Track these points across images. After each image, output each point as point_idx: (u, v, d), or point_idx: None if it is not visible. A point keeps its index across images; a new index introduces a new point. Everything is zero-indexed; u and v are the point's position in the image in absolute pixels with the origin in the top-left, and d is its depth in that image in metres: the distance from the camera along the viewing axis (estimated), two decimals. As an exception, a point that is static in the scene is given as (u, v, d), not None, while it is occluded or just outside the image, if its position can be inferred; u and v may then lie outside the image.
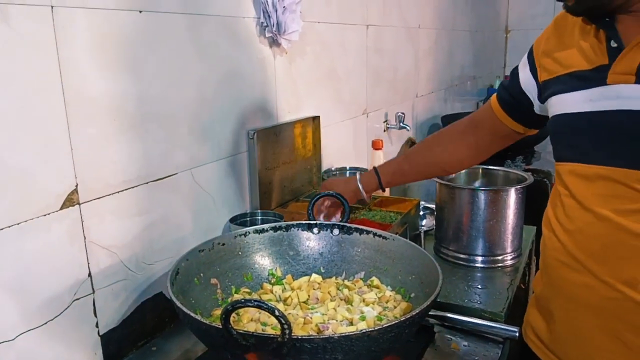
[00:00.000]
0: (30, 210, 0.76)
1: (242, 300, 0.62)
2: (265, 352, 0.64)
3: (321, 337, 0.65)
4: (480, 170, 1.38)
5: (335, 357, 0.65)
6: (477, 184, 1.38)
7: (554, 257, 0.88)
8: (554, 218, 0.89)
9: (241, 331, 0.64)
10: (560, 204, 0.87)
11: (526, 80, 0.95)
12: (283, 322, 0.60)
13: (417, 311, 0.70)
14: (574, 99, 0.82)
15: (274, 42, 1.28)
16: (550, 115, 0.89)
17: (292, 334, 0.62)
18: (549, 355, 0.92)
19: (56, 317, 0.81)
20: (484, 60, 3.60)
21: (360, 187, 1.15)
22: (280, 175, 1.34)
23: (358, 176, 1.17)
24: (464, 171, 1.37)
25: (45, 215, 0.78)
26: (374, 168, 1.18)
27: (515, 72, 0.99)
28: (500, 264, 1.23)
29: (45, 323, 0.80)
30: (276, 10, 1.22)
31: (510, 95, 1.00)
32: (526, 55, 0.96)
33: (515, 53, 4.14)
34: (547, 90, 0.89)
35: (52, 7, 0.76)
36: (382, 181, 1.16)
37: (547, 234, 0.91)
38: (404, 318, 0.69)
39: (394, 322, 0.67)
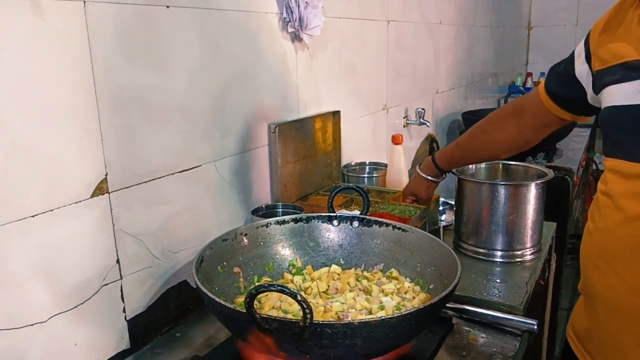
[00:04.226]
0: (62, 197, 0.79)
1: (266, 285, 0.64)
2: (287, 336, 0.65)
3: (341, 322, 0.66)
4: (501, 165, 1.38)
5: (355, 343, 0.67)
6: (497, 179, 1.38)
7: (585, 255, 0.86)
8: (590, 216, 0.86)
9: (264, 315, 0.66)
10: (597, 201, 0.84)
11: (581, 68, 0.91)
12: (305, 306, 0.62)
13: (437, 299, 0.71)
14: (623, 91, 0.77)
15: (295, 37, 1.30)
16: (602, 108, 0.84)
17: (314, 319, 0.64)
18: (584, 355, 0.91)
19: (86, 301, 0.84)
20: (505, 56, 3.56)
21: (427, 178, 1.29)
22: (301, 168, 1.35)
23: (418, 169, 1.30)
24: (483, 166, 1.37)
25: (76, 202, 0.81)
26: (432, 156, 1.29)
27: (570, 59, 0.94)
28: (519, 259, 1.23)
29: (76, 307, 0.83)
30: (298, 6, 1.23)
31: (562, 82, 0.96)
32: (582, 41, 0.91)
33: (537, 49, 4.07)
34: (600, 80, 0.84)
35: (84, 1, 0.79)
36: (440, 168, 1.27)
37: (584, 231, 0.88)
38: (422, 306, 0.70)
39: (412, 310, 0.69)
